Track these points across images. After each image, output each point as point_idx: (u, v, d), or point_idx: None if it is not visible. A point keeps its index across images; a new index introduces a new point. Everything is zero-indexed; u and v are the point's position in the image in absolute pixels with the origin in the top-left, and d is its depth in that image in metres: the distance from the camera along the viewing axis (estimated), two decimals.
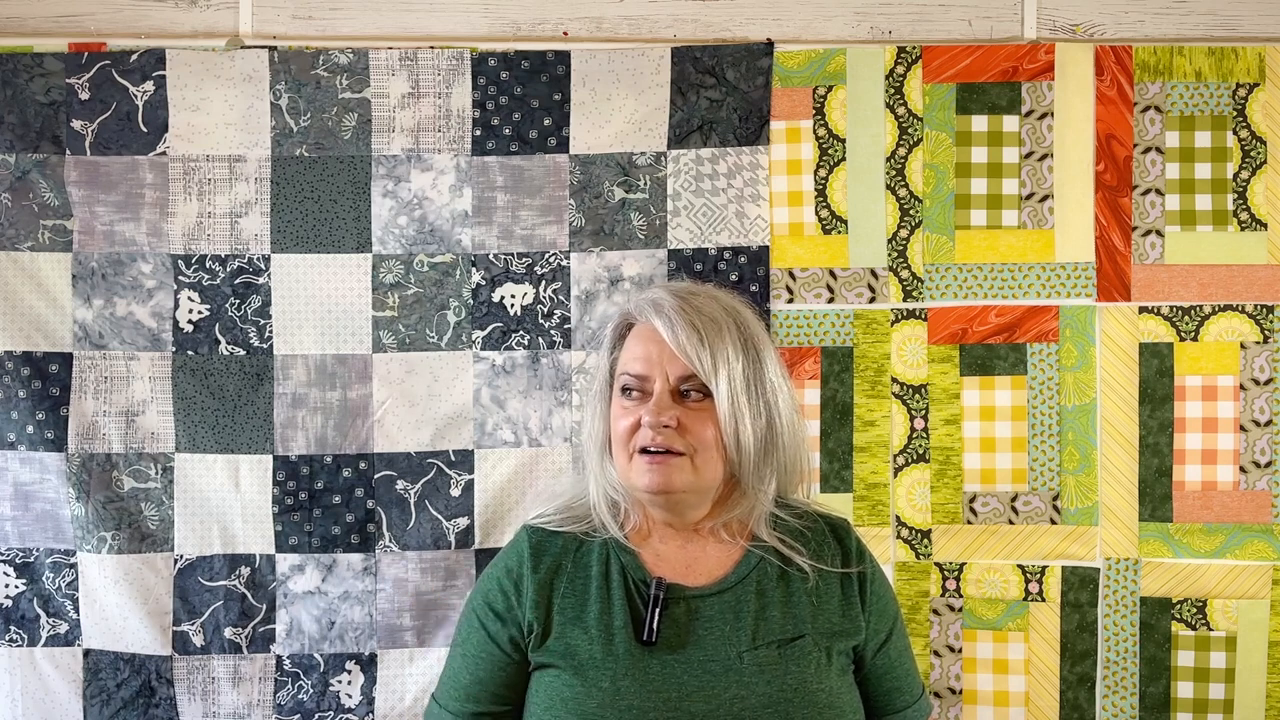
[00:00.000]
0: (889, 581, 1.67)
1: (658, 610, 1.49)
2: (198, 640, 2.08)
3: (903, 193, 2.11)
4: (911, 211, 2.11)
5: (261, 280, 2.09)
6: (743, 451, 1.51)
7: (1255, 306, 2.09)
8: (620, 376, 1.55)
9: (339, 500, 2.09)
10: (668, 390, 1.51)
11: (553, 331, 2.11)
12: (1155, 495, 2.09)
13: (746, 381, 1.51)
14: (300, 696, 2.09)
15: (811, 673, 1.49)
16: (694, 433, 1.50)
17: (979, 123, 2.11)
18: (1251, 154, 2.09)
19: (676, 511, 1.56)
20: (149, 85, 2.08)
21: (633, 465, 1.52)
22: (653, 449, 1.49)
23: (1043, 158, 2.11)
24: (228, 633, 2.08)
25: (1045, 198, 2.10)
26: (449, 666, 1.59)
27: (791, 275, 2.12)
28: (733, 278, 2.10)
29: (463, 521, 2.10)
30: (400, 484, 2.10)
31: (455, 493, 2.10)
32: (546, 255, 2.11)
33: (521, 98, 2.10)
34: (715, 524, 1.57)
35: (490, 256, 2.11)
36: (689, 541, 1.58)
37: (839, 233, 2.12)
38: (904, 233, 2.11)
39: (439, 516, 2.10)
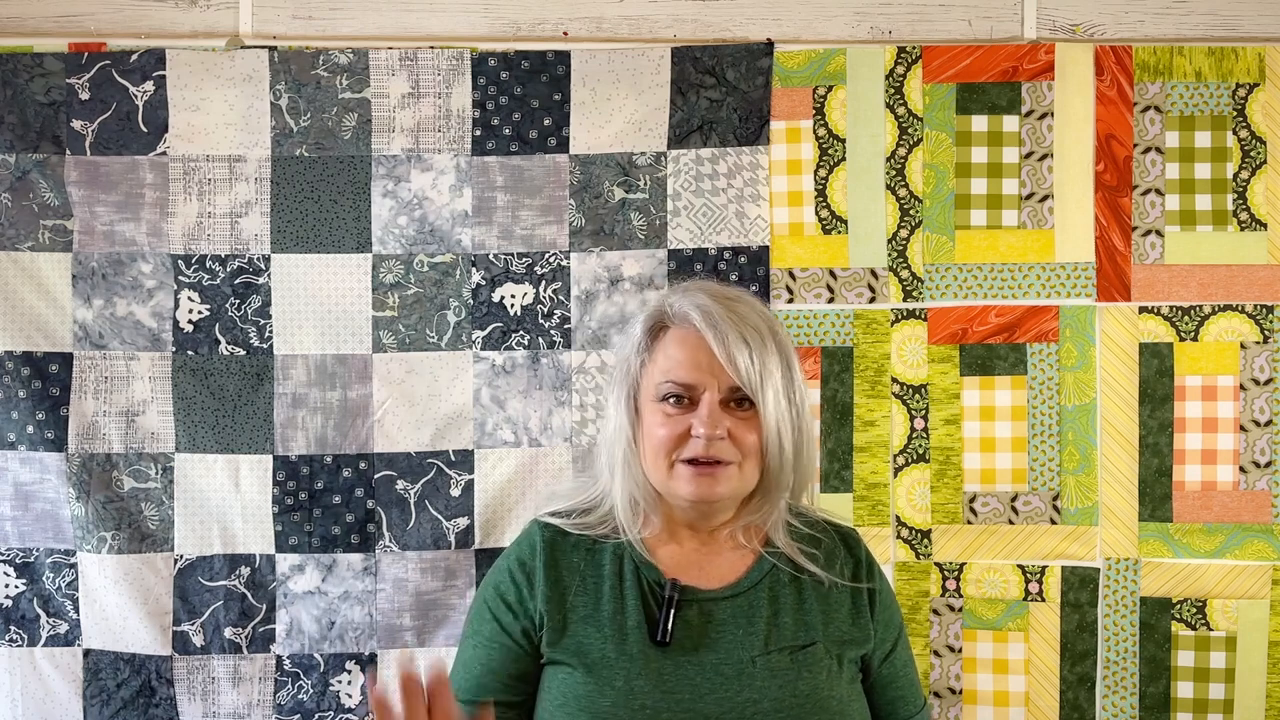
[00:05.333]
0: (894, 592, 1.67)
1: (672, 611, 1.49)
2: (198, 640, 2.08)
3: (903, 193, 2.11)
4: (911, 211, 2.11)
5: (261, 280, 2.09)
6: (783, 459, 1.51)
7: (1255, 306, 2.09)
8: (663, 385, 1.51)
9: (339, 500, 2.09)
10: (718, 400, 1.49)
11: (553, 331, 2.11)
12: (1155, 495, 2.09)
13: (785, 393, 1.51)
14: (300, 696, 2.09)
15: (823, 680, 1.49)
16: (742, 441, 1.49)
17: (979, 123, 2.11)
18: (1251, 154, 2.09)
19: (707, 516, 1.55)
20: (149, 85, 2.08)
21: (675, 474, 1.50)
22: (703, 459, 1.48)
23: (1043, 158, 2.11)
24: (228, 633, 2.08)
25: (1045, 198, 2.10)
26: (460, 658, 1.59)
27: (791, 275, 2.12)
28: (733, 278, 2.10)
29: (463, 521, 2.10)
30: (400, 484, 2.10)
31: (455, 493, 2.10)
32: (546, 255, 2.11)
33: (521, 98, 2.10)
34: (734, 528, 1.57)
35: (490, 256, 2.11)
36: (704, 544, 1.57)
37: (839, 233, 2.12)
38: (904, 233, 2.11)
39: (439, 516, 2.10)
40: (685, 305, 1.53)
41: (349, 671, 2.09)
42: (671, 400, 1.51)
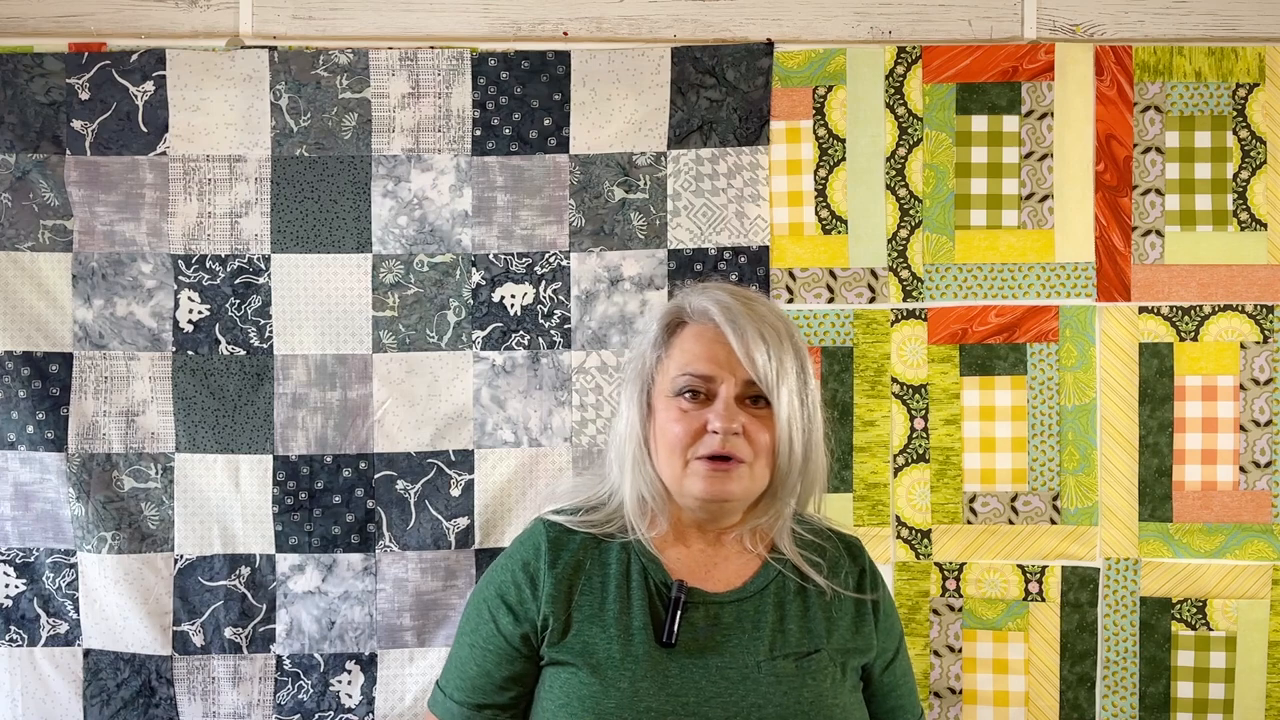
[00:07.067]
0: (894, 600, 1.67)
1: (678, 613, 1.49)
2: (198, 640, 2.08)
3: (903, 193, 2.11)
4: (911, 211, 2.11)
5: (261, 280, 2.09)
6: (792, 461, 1.51)
7: (1255, 306, 2.09)
8: (679, 378, 1.51)
9: (339, 500, 2.09)
10: (734, 395, 1.49)
11: (553, 331, 2.11)
12: (1155, 495, 2.09)
13: (800, 394, 1.51)
14: (300, 696, 2.09)
15: (827, 687, 1.49)
16: (755, 439, 1.49)
17: (979, 123, 2.11)
18: (1251, 154, 2.09)
19: (716, 517, 1.55)
20: (149, 85, 2.08)
21: (689, 471, 1.50)
22: (719, 455, 1.48)
23: (1043, 158, 2.11)
24: (228, 633, 2.08)
25: (1045, 198, 2.10)
26: (455, 655, 1.58)
27: (791, 275, 2.12)
28: (733, 278, 2.10)
29: (463, 521, 2.10)
30: (400, 484, 2.10)
31: (455, 493, 2.10)
32: (546, 255, 2.11)
33: (521, 98, 2.10)
34: (741, 531, 1.57)
35: (490, 256, 2.11)
36: (711, 546, 1.57)
37: (839, 233, 2.12)
38: (904, 233, 2.11)
39: (439, 516, 2.10)
40: (705, 301, 1.53)
41: (349, 671, 2.09)
42: (687, 395, 1.51)
